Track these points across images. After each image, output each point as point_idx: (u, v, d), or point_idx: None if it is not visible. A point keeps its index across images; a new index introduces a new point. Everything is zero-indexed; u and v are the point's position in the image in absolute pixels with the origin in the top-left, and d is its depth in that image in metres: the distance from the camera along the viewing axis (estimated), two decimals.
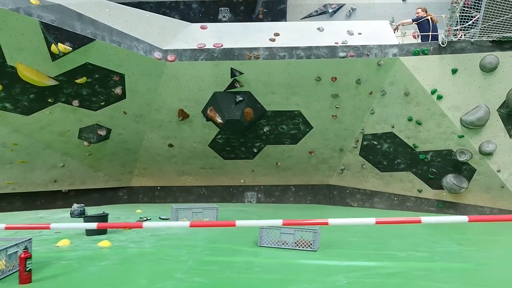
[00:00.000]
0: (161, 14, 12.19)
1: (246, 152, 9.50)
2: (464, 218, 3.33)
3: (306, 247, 4.24)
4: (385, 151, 8.95)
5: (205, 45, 7.48)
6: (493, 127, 7.68)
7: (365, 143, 9.07)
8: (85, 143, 8.52)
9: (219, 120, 8.15)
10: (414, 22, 7.92)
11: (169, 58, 7.40)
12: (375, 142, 8.93)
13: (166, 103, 8.26)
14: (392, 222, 4.09)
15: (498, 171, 7.99)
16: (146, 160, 9.77)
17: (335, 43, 7.50)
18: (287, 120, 8.68)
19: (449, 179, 8.46)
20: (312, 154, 9.51)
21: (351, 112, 8.51)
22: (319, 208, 9.21)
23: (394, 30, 8.20)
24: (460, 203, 8.94)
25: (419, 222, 3.28)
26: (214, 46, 7.47)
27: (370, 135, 8.87)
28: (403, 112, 8.13)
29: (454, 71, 7.36)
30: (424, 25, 7.78)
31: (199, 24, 7.95)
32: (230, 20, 11.34)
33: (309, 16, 11.72)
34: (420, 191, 9.15)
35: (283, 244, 4.22)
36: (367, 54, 7.45)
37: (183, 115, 8.44)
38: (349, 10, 11.57)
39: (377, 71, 7.68)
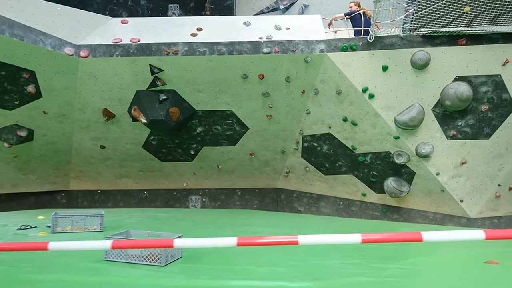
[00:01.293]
0: (108, 11, 11.84)
1: (184, 154, 9.06)
2: (480, 234, 2.46)
3: (154, 262, 3.50)
4: (325, 153, 8.52)
5: (121, 40, 7.04)
6: (429, 128, 7.25)
7: (305, 144, 8.64)
8: (6, 144, 8.05)
9: (143, 120, 7.70)
10: (346, 17, 7.50)
11: (81, 54, 6.95)
12: (315, 144, 8.50)
13: (88, 102, 7.81)
14: (382, 240, 2.62)
15: (437, 174, 7.56)
16: (80, 163, 9.31)
17: (259, 38, 7.07)
18: (220, 120, 8.23)
19: (390, 183, 8.02)
20: (253, 156, 9.07)
21: (286, 112, 8.07)
22: (261, 215, 8.75)
23: (329, 25, 7.79)
24: (404, 207, 8.51)
25: (420, 240, 2.41)
26: (130, 41, 7.03)
27: (309, 136, 8.44)
28: (338, 112, 7.70)
29: (384, 68, 6.93)
30: (357, 20, 7.37)
31: (120, 19, 7.51)
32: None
33: (261, 13, 11.31)
34: (364, 195, 8.72)
35: (132, 257, 3.61)
36: (293, 50, 7.02)
37: (108, 115, 7.99)
38: (302, 7, 11.16)
39: (306, 68, 7.25)
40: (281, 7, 11.20)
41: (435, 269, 3.79)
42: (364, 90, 7.09)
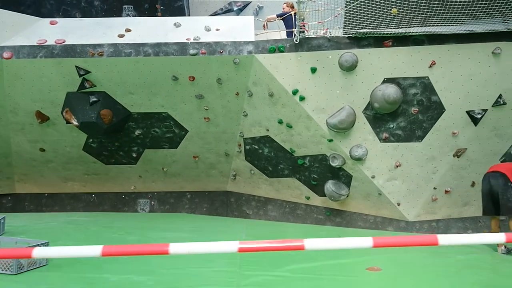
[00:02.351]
0: (62, 12, 11.70)
1: (126, 157, 8.91)
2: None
3: (5, 270, 3.27)
4: (267, 156, 8.41)
5: (46, 41, 6.90)
6: (362, 130, 7.16)
7: (247, 147, 8.53)
8: None
9: (74, 122, 7.56)
10: (278, 18, 7.40)
11: (4, 55, 6.81)
12: (256, 147, 8.39)
13: (19, 105, 7.67)
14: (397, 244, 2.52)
15: (373, 177, 7.47)
16: (22, 166, 9.14)
17: (187, 39, 6.96)
18: (158, 123, 8.10)
19: (329, 186, 7.92)
20: (197, 159, 8.94)
21: (223, 114, 7.96)
22: (196, 219, 8.62)
23: (264, 27, 7.70)
24: (346, 211, 8.42)
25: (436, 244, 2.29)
26: (55, 42, 6.89)
27: (250, 138, 8.33)
28: (273, 115, 7.59)
29: (313, 70, 6.84)
30: (288, 21, 7.28)
31: (49, 19, 7.38)
32: None
33: (215, 14, 11.18)
34: (308, 198, 8.62)
35: None
36: (220, 52, 6.91)
37: (41, 117, 7.84)
38: (256, 8, 11.06)
39: (236, 70, 7.14)
40: (235, 8, 11.09)
41: (312, 276, 3.68)
42: (294, 92, 6.99)
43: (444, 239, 2.38)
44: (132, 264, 3.67)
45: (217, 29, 7.15)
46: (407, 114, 6.95)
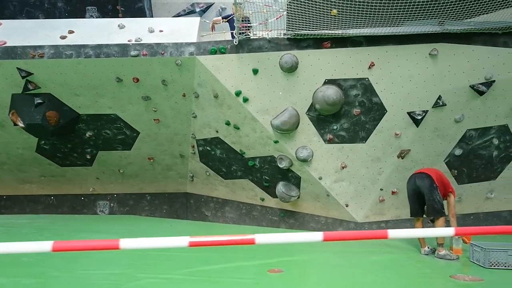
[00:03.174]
0: (25, 13, 11.64)
1: (81, 159, 8.87)
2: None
3: None
4: (220, 158, 8.39)
5: None
6: (306, 132, 7.16)
7: (200, 148, 8.51)
8: None
9: (20, 124, 7.52)
10: (224, 20, 7.40)
11: None
12: (208, 148, 8.37)
13: None
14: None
15: (320, 178, 7.47)
16: None
17: (128, 41, 6.94)
18: (108, 124, 8.07)
19: (279, 187, 7.92)
20: (152, 160, 8.91)
21: (172, 116, 7.94)
22: (144, 221, 8.58)
23: (211, 28, 7.69)
24: (300, 212, 8.42)
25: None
26: None
27: (202, 140, 8.31)
28: (220, 116, 7.58)
29: (255, 72, 6.83)
30: (233, 23, 7.26)
31: None
32: None
33: (178, 15, 11.16)
34: (262, 199, 8.61)
35: None
36: (162, 53, 6.89)
37: None
38: (219, 10, 11.06)
39: (180, 72, 7.12)
40: (197, 9, 11.07)
41: (206, 278, 3.66)
42: (237, 93, 6.98)
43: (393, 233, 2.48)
44: (25, 267, 3.65)
45: (161, 31, 7.14)
46: (349, 115, 6.95)
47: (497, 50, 6.38)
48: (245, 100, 7.01)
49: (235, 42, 6.64)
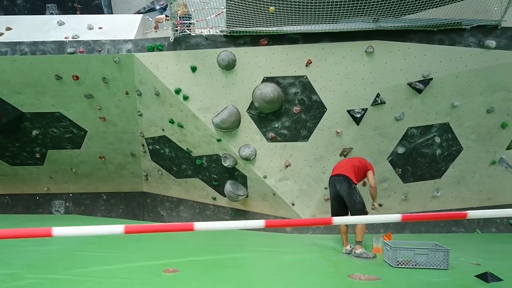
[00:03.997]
0: None
1: (31, 158, 8.76)
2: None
3: None
4: (169, 156, 8.31)
5: None
6: (248, 130, 7.09)
7: (150, 147, 8.42)
8: None
9: None
10: (167, 18, 7.30)
11: None
12: (157, 147, 8.29)
13: None
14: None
15: (265, 177, 7.41)
16: None
17: (65, 38, 6.84)
18: (54, 122, 7.96)
19: (227, 186, 7.85)
20: (103, 159, 8.81)
21: (118, 114, 7.84)
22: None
23: (155, 27, 7.60)
24: (250, 211, 8.35)
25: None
26: None
27: (150, 138, 8.22)
28: (164, 114, 7.50)
29: (193, 69, 6.75)
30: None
31: None
32: None
33: (138, 13, 11.04)
34: (214, 198, 8.53)
35: None
36: (99, 50, 6.79)
37: None
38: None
39: (120, 69, 7.03)
40: (158, 7, 10.96)
41: (102, 279, 3.58)
42: (177, 91, 6.90)
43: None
44: None
45: (100, 28, 7.05)
46: (290, 113, 6.89)
47: (433, 48, 6.34)
48: (185, 98, 6.94)
49: (171, 39, 6.56)
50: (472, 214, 2.98)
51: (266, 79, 6.68)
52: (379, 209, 6.95)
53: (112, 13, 10.93)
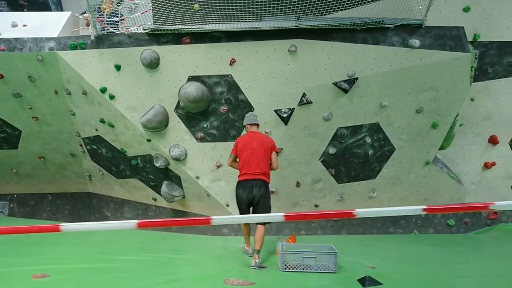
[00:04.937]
0: None
1: None
2: None
3: None
4: (107, 156, 8.17)
5: None
6: (177, 130, 6.97)
7: (88, 147, 8.27)
8: None
9: None
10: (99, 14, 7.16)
11: None
12: (94, 147, 8.14)
13: None
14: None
15: (197, 177, 7.29)
16: None
17: None
18: None
19: (163, 187, 7.73)
20: (43, 159, 8.64)
21: (51, 114, 7.69)
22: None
23: (86, 24, 7.45)
24: (189, 212, 8.24)
25: None
26: None
27: (87, 138, 8.07)
28: (94, 114, 7.35)
29: (117, 68, 6.61)
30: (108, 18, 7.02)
31: None
32: None
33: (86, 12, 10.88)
34: (154, 199, 8.41)
35: None
36: (21, 48, 6.64)
37: None
38: (132, 6, 10.78)
39: (45, 68, 6.88)
40: None
41: None
42: (103, 90, 6.76)
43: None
44: None
45: (24, 25, 6.90)
46: (218, 113, 6.78)
47: (357, 47, 6.27)
48: (111, 97, 6.80)
49: (92, 37, 6.42)
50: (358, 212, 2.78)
51: (192, 78, 6.56)
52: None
53: (63, 10, 10.74)
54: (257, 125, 5.60)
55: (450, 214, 7.86)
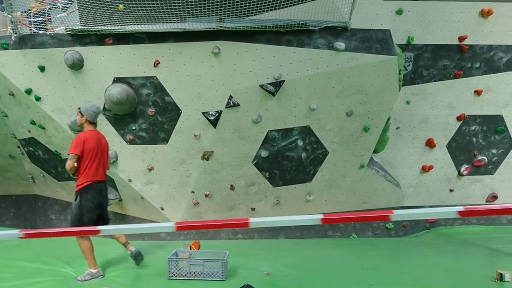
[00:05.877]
0: None
1: None
2: None
3: None
4: (44, 158, 8.01)
5: None
6: (106, 132, 6.72)
7: (25, 149, 8.11)
8: None
9: None
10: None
11: None
12: (31, 148, 7.98)
13: None
14: None
15: (129, 180, 7.18)
16: None
17: None
18: None
19: None
20: None
21: None
22: None
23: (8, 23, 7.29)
24: (128, 215, 8.13)
25: None
26: None
27: (23, 140, 7.91)
28: (25, 115, 7.20)
29: (42, 69, 6.47)
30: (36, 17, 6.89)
31: None
32: None
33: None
34: None
35: None
36: None
37: None
38: None
39: None
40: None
41: None
42: (28, 92, 6.62)
43: None
44: None
45: None
46: (145, 115, 6.67)
47: (282, 49, 6.20)
48: (37, 99, 6.66)
49: (13, 38, 6.28)
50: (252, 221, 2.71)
51: (117, 80, 6.45)
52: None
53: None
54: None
55: None
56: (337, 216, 2.72)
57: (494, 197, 7.92)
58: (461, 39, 7.15)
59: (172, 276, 4.11)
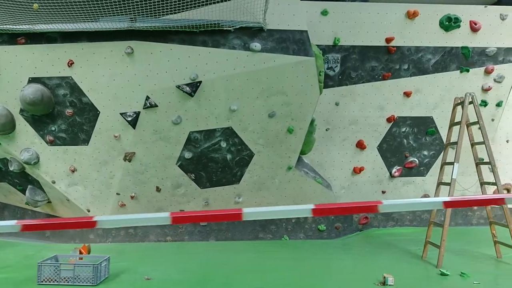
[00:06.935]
0: None
1: None
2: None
3: None
4: None
5: None
6: (25, 133, 6.73)
7: None
8: None
9: None
10: None
11: None
12: None
13: None
14: None
15: (53, 182, 7.07)
16: None
17: None
18: None
19: (27, 192, 7.49)
20: None
21: None
22: None
23: None
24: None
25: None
26: None
27: None
28: None
29: None
30: None
31: None
32: None
33: None
34: (28, 203, 8.12)
35: None
36: None
37: None
38: None
39: None
40: None
41: None
42: None
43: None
44: None
45: None
46: (64, 116, 6.57)
47: (197, 50, 6.14)
48: None
49: None
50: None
51: (32, 80, 6.34)
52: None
53: None
54: None
55: (321, 218, 7.80)
56: (328, 206, 2.78)
57: None
58: (388, 40, 7.13)
59: (43, 281, 4.03)
